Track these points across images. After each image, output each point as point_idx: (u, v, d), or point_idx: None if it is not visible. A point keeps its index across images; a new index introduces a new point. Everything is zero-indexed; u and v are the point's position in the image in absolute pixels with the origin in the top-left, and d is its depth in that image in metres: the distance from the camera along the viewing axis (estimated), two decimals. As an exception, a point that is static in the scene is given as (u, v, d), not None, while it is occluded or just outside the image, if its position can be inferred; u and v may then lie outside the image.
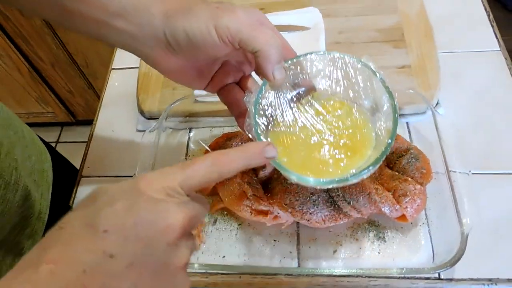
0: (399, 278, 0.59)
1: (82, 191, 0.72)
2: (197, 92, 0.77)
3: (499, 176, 0.68)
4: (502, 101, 0.75)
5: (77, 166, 0.76)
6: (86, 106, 1.84)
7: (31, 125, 0.75)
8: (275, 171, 0.65)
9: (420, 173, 0.63)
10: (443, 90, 0.75)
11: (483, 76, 0.78)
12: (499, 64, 0.79)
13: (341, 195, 0.61)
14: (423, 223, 0.64)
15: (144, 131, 0.73)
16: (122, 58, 0.89)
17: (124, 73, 0.86)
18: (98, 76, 1.61)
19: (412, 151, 0.65)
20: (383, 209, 0.60)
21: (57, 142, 2.06)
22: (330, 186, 0.47)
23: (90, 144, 0.77)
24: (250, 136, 0.48)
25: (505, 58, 0.80)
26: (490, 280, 0.59)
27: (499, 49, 0.81)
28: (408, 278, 0.59)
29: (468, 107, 0.75)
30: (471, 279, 0.59)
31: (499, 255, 0.61)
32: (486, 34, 0.83)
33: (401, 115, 0.74)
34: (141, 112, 0.78)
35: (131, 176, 0.69)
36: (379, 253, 0.62)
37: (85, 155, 0.76)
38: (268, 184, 0.65)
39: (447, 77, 0.77)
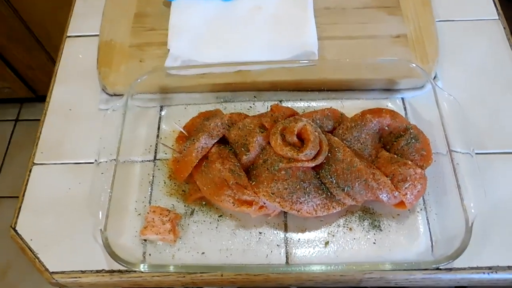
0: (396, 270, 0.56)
1: (34, 181, 0.65)
2: (169, 63, 0.70)
3: (503, 156, 0.64)
4: (502, 74, 0.71)
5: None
6: (48, 81, 1.72)
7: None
8: (261, 155, 0.59)
9: (420, 155, 0.59)
10: (440, 62, 0.71)
11: (481, 47, 0.74)
12: (498, 34, 0.75)
13: (334, 181, 0.57)
14: (421, 209, 0.60)
15: (107, 109, 0.66)
16: (80, 24, 0.80)
17: (82, 41, 0.78)
18: (59, 48, 1.50)
19: (411, 131, 0.60)
20: (380, 196, 0.56)
21: (16, 120, 1.93)
22: None
23: (43, 125, 0.70)
24: None
25: (504, 28, 0.76)
26: (490, 268, 0.56)
27: (498, 17, 0.77)
28: (405, 270, 0.56)
29: (467, 81, 0.71)
30: (471, 268, 0.56)
31: (500, 241, 0.58)
32: (484, 2, 0.79)
33: (397, 90, 0.69)
34: (103, 88, 0.71)
35: (92, 163, 0.62)
36: (374, 243, 0.58)
37: (37, 138, 0.68)
38: (253, 170, 0.59)
39: (444, 49, 0.73)
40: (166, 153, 0.66)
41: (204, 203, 0.61)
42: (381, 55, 0.70)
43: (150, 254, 0.58)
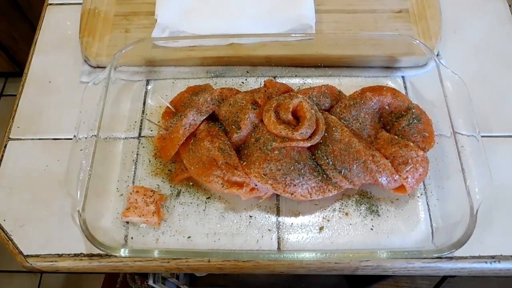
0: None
1: (9, 157, 0.62)
2: (156, 34, 0.68)
3: (508, 139, 0.62)
4: (506, 52, 0.69)
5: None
6: (32, 53, 1.71)
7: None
8: (253, 134, 0.57)
9: (422, 137, 0.56)
10: (443, 40, 0.69)
11: (485, 24, 0.72)
12: (503, 10, 0.73)
13: (331, 163, 0.54)
14: (421, 194, 0.58)
15: (89, 82, 0.63)
16: (61, -9, 0.78)
17: (64, 9, 0.76)
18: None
19: (413, 110, 0.58)
20: (380, 179, 0.54)
21: (1, 95, 1.89)
22: None
23: (20, 98, 0.67)
24: None
25: (510, 5, 0.74)
26: (493, 257, 0.54)
27: (502, -8, 0.75)
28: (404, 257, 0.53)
29: (470, 58, 0.69)
30: (473, 257, 0.54)
31: (503, 228, 0.56)
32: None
33: (397, 68, 0.67)
34: (86, 59, 0.69)
35: (71, 139, 0.60)
36: (372, 229, 0.56)
37: (14, 112, 0.66)
38: (244, 150, 0.57)
39: (447, 25, 0.71)
40: (151, 130, 0.64)
41: (191, 183, 0.60)
42: (381, 31, 0.68)
43: (132, 238, 0.56)
